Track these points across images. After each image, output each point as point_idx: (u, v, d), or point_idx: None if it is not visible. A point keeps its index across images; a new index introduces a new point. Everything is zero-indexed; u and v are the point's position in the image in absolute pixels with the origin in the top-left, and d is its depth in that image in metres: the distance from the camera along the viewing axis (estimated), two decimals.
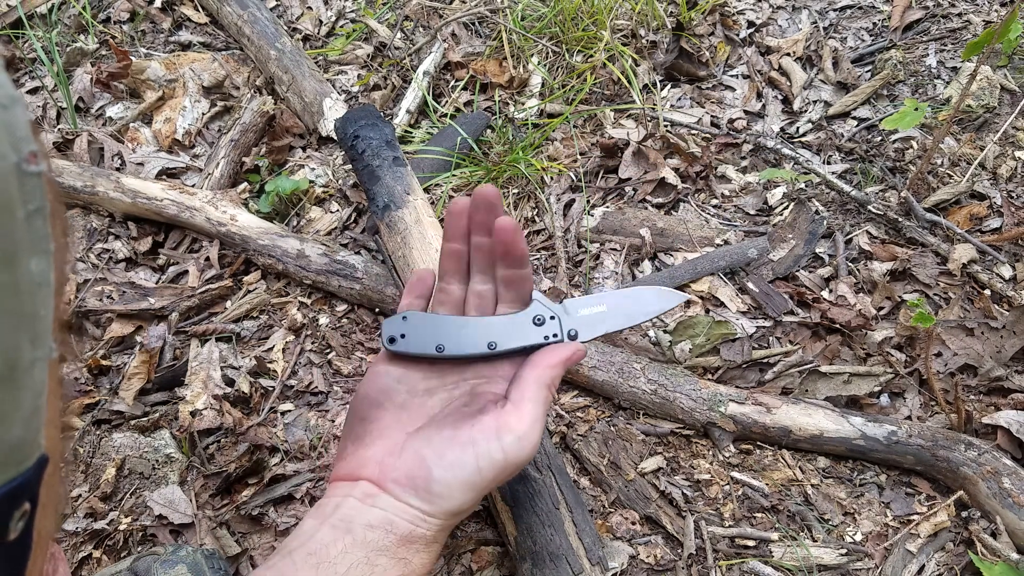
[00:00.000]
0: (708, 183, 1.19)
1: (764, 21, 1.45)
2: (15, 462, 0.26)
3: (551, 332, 0.58)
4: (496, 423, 0.51)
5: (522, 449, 0.51)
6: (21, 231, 0.24)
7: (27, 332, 0.25)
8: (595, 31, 1.34)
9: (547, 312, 0.58)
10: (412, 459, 0.51)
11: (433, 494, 0.50)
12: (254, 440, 0.88)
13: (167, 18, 1.50)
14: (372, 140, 1.05)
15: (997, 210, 1.08)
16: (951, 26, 1.35)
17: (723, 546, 0.79)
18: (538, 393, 0.53)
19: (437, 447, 0.51)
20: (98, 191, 1.11)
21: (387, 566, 0.48)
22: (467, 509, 0.52)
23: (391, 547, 0.49)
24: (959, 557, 0.78)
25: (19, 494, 0.26)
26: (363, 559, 0.47)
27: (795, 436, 0.85)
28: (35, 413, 0.26)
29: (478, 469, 0.50)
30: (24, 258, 0.24)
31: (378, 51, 1.42)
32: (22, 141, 0.23)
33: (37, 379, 0.26)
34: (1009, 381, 0.90)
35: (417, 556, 0.50)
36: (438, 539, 0.52)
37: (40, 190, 0.25)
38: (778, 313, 0.99)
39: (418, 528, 0.50)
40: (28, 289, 0.25)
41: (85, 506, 0.83)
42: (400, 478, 0.51)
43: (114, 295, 1.05)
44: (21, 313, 0.24)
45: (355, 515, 0.50)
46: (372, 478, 0.52)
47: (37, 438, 0.27)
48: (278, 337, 1.00)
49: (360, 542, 0.48)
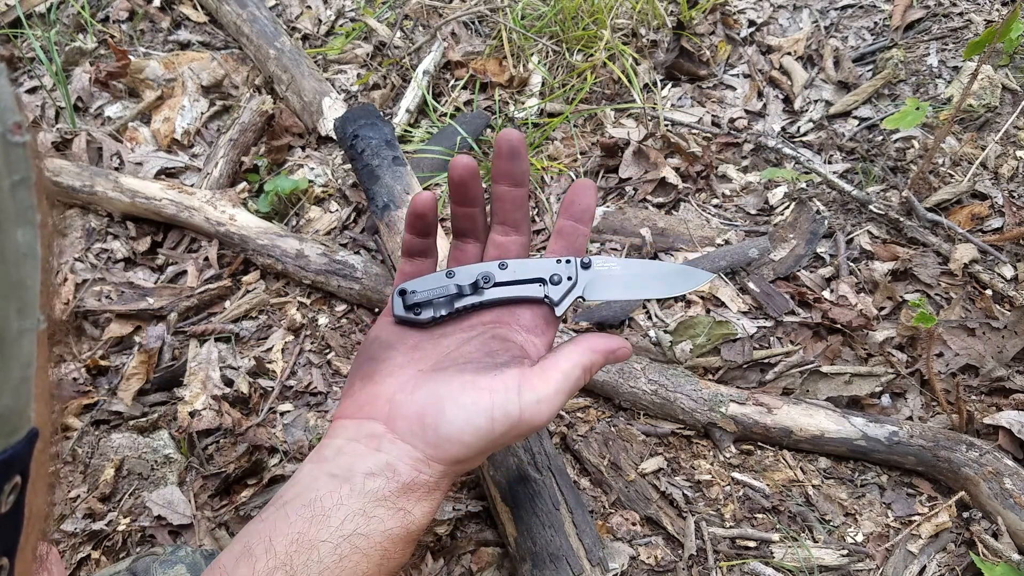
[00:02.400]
0: (709, 183, 1.19)
1: (765, 20, 1.44)
2: (5, 433, 0.26)
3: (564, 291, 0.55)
4: (519, 378, 0.50)
5: (539, 412, 0.49)
6: (6, 201, 0.24)
7: (14, 302, 0.25)
8: (595, 30, 1.34)
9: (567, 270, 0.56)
10: (426, 396, 0.50)
11: (441, 436, 0.48)
12: (253, 441, 0.88)
13: (166, 17, 1.49)
14: (372, 139, 1.05)
15: (998, 210, 1.07)
16: (952, 25, 1.35)
17: (724, 547, 0.79)
18: (572, 369, 0.51)
19: (454, 388, 0.50)
20: (97, 191, 1.11)
21: (384, 517, 0.47)
22: (471, 460, 0.50)
23: (391, 496, 0.47)
24: (960, 558, 0.77)
25: (9, 466, 0.26)
26: (359, 510, 0.46)
27: (796, 437, 0.85)
28: (23, 383, 0.26)
29: (492, 418, 0.48)
30: (10, 228, 0.24)
31: (378, 50, 1.42)
32: (6, 112, 0.24)
33: (25, 350, 0.26)
34: (1011, 381, 0.89)
35: (418, 506, 0.48)
36: (440, 486, 0.50)
37: (25, 161, 0.25)
38: (779, 313, 0.99)
39: (421, 474, 0.48)
40: (14, 259, 0.25)
41: (84, 507, 0.83)
42: (410, 414, 0.49)
43: (113, 295, 1.04)
44: (7, 283, 0.25)
45: (356, 462, 0.48)
46: (381, 416, 0.50)
47: (26, 411, 0.27)
48: (277, 337, 1.00)
49: (359, 491, 0.47)
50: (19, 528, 0.28)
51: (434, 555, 0.78)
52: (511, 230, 0.57)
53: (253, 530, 0.46)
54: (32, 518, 0.29)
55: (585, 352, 0.53)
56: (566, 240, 0.58)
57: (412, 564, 0.78)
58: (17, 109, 0.24)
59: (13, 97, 0.24)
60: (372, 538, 0.46)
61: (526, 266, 0.56)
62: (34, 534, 0.30)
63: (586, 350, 0.53)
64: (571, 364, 0.52)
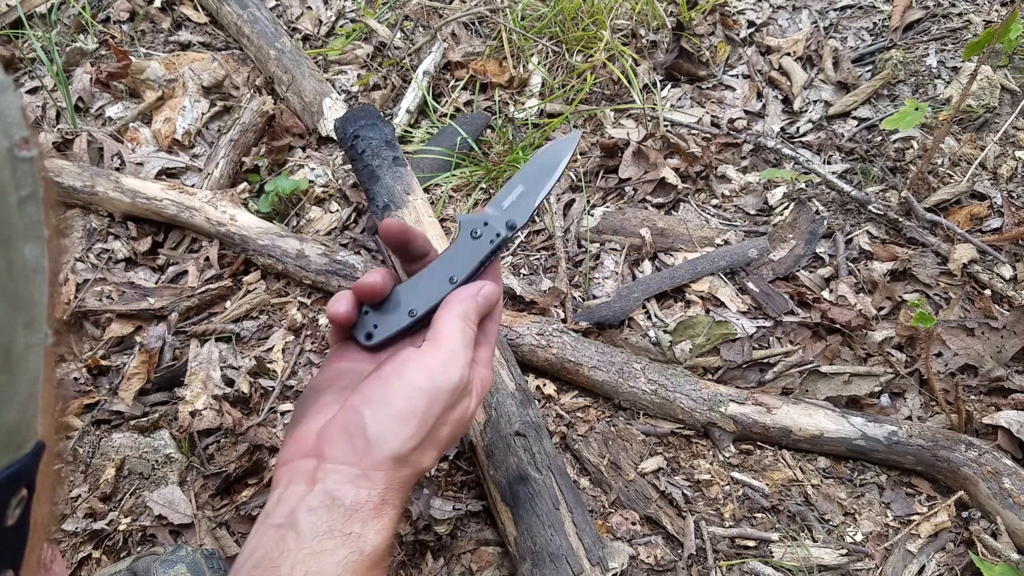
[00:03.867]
0: (708, 183, 1.19)
1: (764, 21, 1.45)
2: (12, 448, 0.26)
3: (492, 235, 0.57)
4: (416, 355, 0.51)
5: (449, 372, 0.50)
6: (14, 216, 0.24)
7: (22, 317, 0.25)
8: (595, 31, 1.34)
9: (478, 221, 0.58)
10: (344, 413, 0.50)
11: (368, 439, 0.48)
12: (254, 440, 0.88)
13: (167, 18, 1.50)
14: (372, 140, 1.05)
15: (997, 210, 1.08)
16: (951, 26, 1.35)
17: (723, 546, 0.79)
18: (453, 323, 0.53)
19: (364, 392, 0.50)
20: (97, 191, 1.11)
21: (334, 548, 0.45)
22: (411, 454, 0.49)
23: (337, 524, 0.46)
24: (959, 557, 0.77)
25: (17, 480, 0.26)
26: (308, 551, 0.45)
27: (795, 436, 0.85)
28: (31, 399, 0.26)
29: (407, 398, 0.49)
30: (18, 243, 0.24)
31: (378, 51, 1.42)
32: (13, 127, 0.24)
33: (33, 365, 0.26)
34: (1009, 381, 0.90)
35: (368, 528, 0.47)
36: (387, 501, 0.48)
37: (32, 176, 0.25)
38: (778, 313, 0.99)
39: (361, 490, 0.47)
40: (22, 274, 0.25)
41: (85, 506, 0.83)
42: (335, 435, 0.49)
43: (114, 295, 1.05)
44: (16, 298, 0.25)
45: (297, 503, 0.47)
46: (310, 451, 0.50)
47: (33, 424, 0.27)
48: (278, 337, 1.00)
49: (304, 532, 0.45)
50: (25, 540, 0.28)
51: (434, 555, 0.79)
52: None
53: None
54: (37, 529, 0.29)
55: (456, 305, 0.54)
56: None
57: (412, 564, 0.78)
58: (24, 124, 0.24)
59: (20, 112, 0.24)
60: (327, 573, 0.44)
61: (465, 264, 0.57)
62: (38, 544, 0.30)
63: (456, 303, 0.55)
64: (450, 320, 0.53)
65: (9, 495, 0.26)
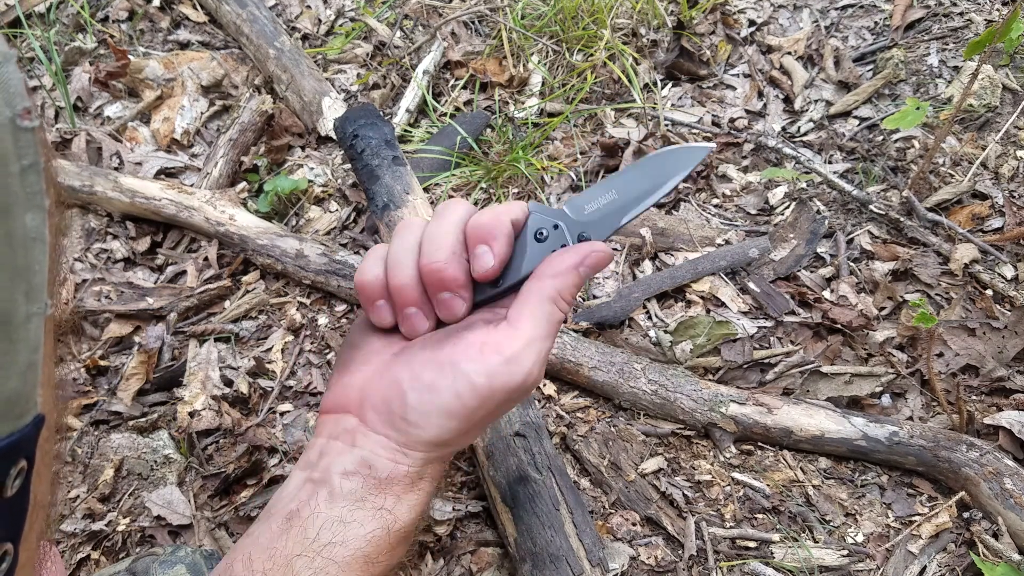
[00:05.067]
0: (709, 182, 1.19)
1: (765, 20, 1.44)
2: (12, 416, 0.26)
3: (557, 245, 0.48)
4: (481, 341, 0.44)
5: (511, 374, 0.43)
6: (16, 185, 0.24)
7: (22, 285, 0.25)
8: (595, 30, 1.34)
9: (548, 223, 0.48)
10: (389, 383, 0.46)
11: (409, 422, 0.45)
12: (253, 441, 0.88)
13: (165, 17, 1.49)
14: (371, 139, 1.04)
15: (999, 210, 1.07)
16: (952, 25, 1.35)
17: (724, 547, 0.79)
18: (539, 308, 0.45)
19: (415, 369, 0.45)
20: (96, 191, 1.11)
21: (363, 520, 0.44)
22: (452, 441, 0.46)
23: (370, 496, 0.45)
24: (961, 558, 0.77)
25: (16, 449, 0.26)
26: (336, 517, 0.44)
27: (796, 437, 0.85)
28: (31, 368, 0.26)
29: (456, 394, 0.43)
30: (19, 212, 0.25)
31: (377, 50, 1.42)
32: (16, 97, 0.24)
33: (33, 334, 0.26)
34: (1011, 381, 0.89)
35: (400, 504, 0.45)
36: (424, 476, 0.46)
37: (34, 146, 0.25)
38: (779, 313, 0.99)
39: (399, 465, 0.45)
40: (23, 243, 0.25)
41: (83, 507, 0.83)
42: (377, 404, 0.46)
43: (112, 295, 1.04)
44: (16, 266, 0.25)
45: (334, 462, 0.45)
46: (353, 408, 0.47)
47: (33, 395, 0.27)
48: (277, 337, 1.00)
49: (337, 495, 0.44)
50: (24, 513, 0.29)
51: (434, 555, 0.78)
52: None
53: (240, 546, 0.45)
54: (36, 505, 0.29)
55: (547, 282, 0.45)
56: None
57: (412, 564, 0.78)
58: (26, 95, 0.25)
59: (23, 83, 0.25)
60: (351, 545, 0.44)
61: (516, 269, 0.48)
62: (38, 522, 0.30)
63: (548, 279, 0.46)
64: (537, 302, 0.45)
65: (9, 465, 0.26)
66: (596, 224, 0.49)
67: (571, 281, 0.46)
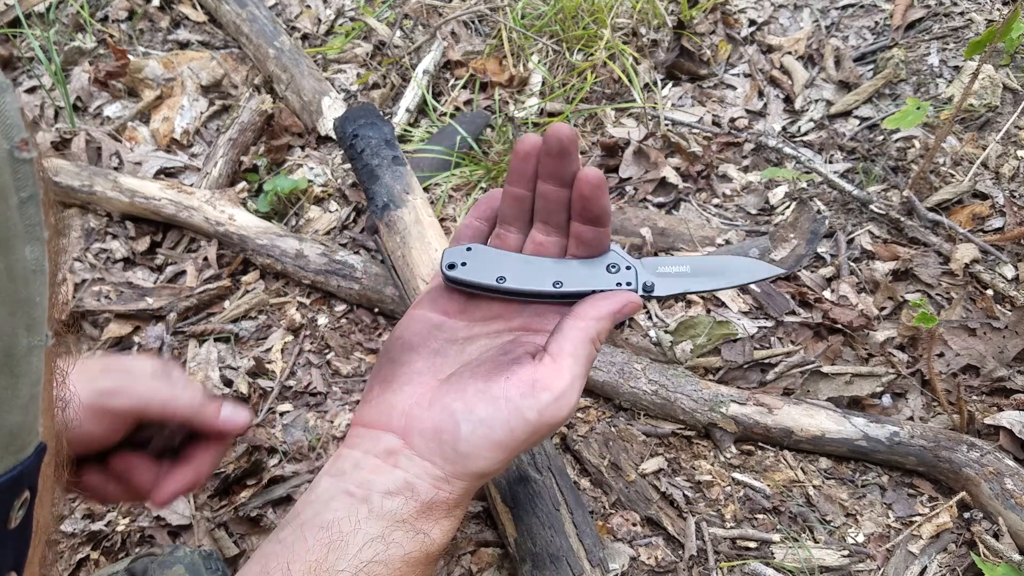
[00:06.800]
0: (709, 182, 1.19)
1: (766, 19, 1.44)
2: (14, 450, 0.26)
3: (625, 280, 0.52)
4: (532, 378, 0.46)
5: (559, 409, 0.46)
6: (15, 219, 0.24)
7: (23, 319, 0.25)
8: (595, 29, 1.34)
9: (623, 262, 0.52)
10: (440, 412, 0.47)
11: (460, 453, 0.46)
12: (252, 441, 0.88)
13: (165, 17, 1.49)
14: (371, 139, 1.04)
15: (999, 210, 1.07)
16: (953, 24, 1.35)
17: (724, 547, 0.79)
18: (580, 348, 0.48)
19: (468, 400, 0.47)
20: (96, 190, 1.11)
21: (403, 541, 0.44)
22: (494, 471, 0.48)
23: (410, 518, 0.45)
24: (961, 558, 0.77)
25: (19, 482, 0.26)
26: (377, 535, 0.44)
27: (797, 437, 0.85)
28: (32, 401, 0.26)
29: (510, 429, 0.46)
30: (18, 245, 0.25)
31: (377, 49, 1.42)
32: (13, 128, 0.24)
33: (34, 367, 0.26)
34: (1012, 381, 0.89)
35: (437, 526, 0.46)
36: (461, 503, 0.48)
37: (32, 177, 0.25)
38: (780, 313, 0.99)
39: (441, 491, 0.46)
40: (23, 276, 0.25)
41: (83, 507, 0.83)
42: (427, 430, 0.47)
43: (112, 295, 1.04)
44: (16, 300, 0.25)
45: (374, 479, 0.46)
46: (397, 430, 0.48)
47: (35, 426, 0.27)
48: (276, 337, 1.00)
49: (377, 513, 0.44)
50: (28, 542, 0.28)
51: None
52: (553, 230, 0.54)
53: (271, 552, 0.44)
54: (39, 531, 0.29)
55: (589, 323, 0.49)
56: (590, 247, 0.53)
57: None
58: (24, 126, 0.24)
59: (19, 114, 0.24)
60: (391, 565, 0.44)
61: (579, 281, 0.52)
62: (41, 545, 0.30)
63: (590, 320, 0.49)
64: (579, 342, 0.48)
65: (12, 498, 0.26)
66: (664, 281, 0.54)
67: (608, 325, 0.50)
